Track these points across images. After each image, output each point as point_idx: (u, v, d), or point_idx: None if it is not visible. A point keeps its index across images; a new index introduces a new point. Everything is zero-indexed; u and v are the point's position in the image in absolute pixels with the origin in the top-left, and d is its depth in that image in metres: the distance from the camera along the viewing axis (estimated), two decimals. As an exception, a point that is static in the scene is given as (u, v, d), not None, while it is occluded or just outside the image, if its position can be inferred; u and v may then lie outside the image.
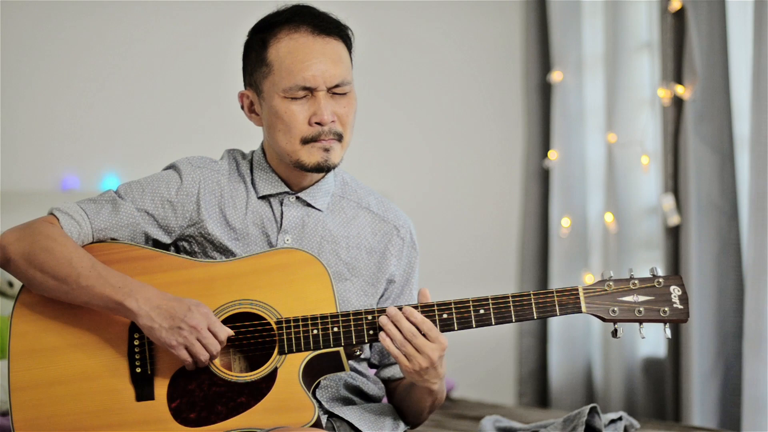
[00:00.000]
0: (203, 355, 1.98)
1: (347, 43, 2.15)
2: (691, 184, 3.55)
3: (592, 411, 2.30)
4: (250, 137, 2.33)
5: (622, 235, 3.89)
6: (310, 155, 2.11)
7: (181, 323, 1.97)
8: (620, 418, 2.51)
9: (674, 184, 3.67)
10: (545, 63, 4.28)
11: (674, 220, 3.64)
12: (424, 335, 1.99)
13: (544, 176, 4.28)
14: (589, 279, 4.07)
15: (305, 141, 2.10)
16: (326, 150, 2.10)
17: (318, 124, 2.09)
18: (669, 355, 3.65)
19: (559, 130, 4.17)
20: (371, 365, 2.26)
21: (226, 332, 1.99)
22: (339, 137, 2.11)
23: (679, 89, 3.60)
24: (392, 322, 2.00)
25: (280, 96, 2.10)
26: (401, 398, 2.20)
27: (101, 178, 3.65)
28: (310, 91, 2.09)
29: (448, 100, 4.27)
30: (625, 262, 3.89)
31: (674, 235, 3.67)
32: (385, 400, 2.29)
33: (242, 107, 2.20)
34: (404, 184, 4.03)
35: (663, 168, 3.70)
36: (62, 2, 3.64)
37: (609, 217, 3.92)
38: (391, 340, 2.00)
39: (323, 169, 2.12)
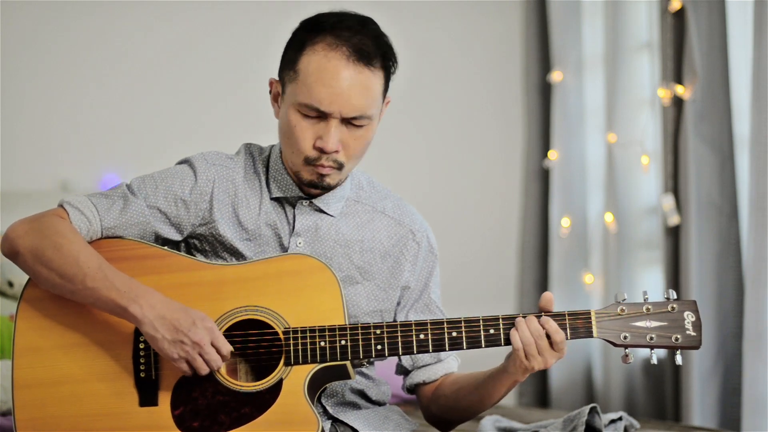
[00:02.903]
0: (203, 370, 1.96)
1: (387, 74, 2.09)
2: (691, 184, 3.55)
3: (592, 411, 2.30)
4: (251, 138, 2.33)
5: (622, 235, 3.89)
6: (308, 174, 2.08)
7: (184, 337, 1.94)
8: (620, 418, 2.51)
9: (674, 184, 3.67)
10: (545, 63, 4.28)
11: (674, 220, 3.64)
12: (551, 342, 1.98)
13: (544, 176, 4.28)
14: (588, 279, 4.07)
15: (307, 161, 2.06)
16: (322, 175, 2.07)
17: (320, 149, 2.05)
18: (669, 355, 3.65)
19: (559, 130, 4.17)
20: (402, 371, 2.23)
21: (228, 348, 1.97)
22: (339, 166, 2.07)
23: (679, 89, 3.61)
24: (525, 323, 1.99)
25: (294, 107, 2.05)
26: (462, 394, 2.15)
27: (101, 178, 3.65)
28: (323, 114, 2.04)
29: (448, 100, 4.27)
30: (625, 262, 3.89)
31: (674, 235, 3.68)
32: (391, 400, 2.28)
33: (270, 92, 2.14)
34: (404, 184, 4.02)
35: (663, 168, 3.70)
36: (62, 2, 3.64)
37: (609, 217, 3.92)
38: (520, 338, 1.98)
39: (318, 187, 2.09)
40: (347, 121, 2.05)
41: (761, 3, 3.26)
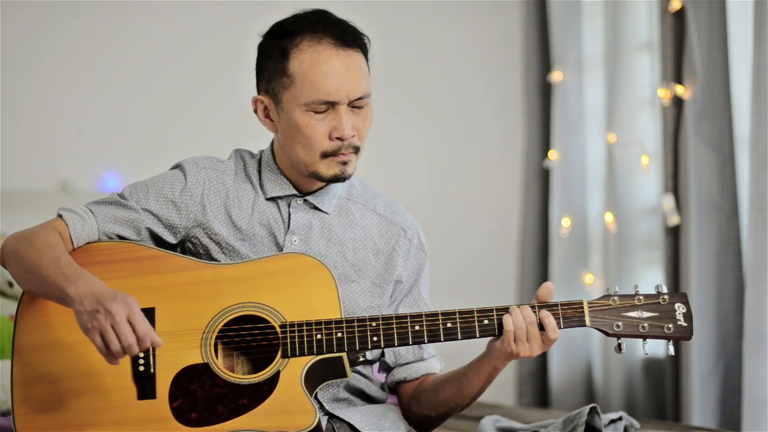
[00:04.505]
0: (114, 344, 1.90)
1: (366, 53, 2.14)
2: (691, 184, 3.55)
3: (592, 411, 2.31)
4: (252, 138, 2.34)
5: (622, 235, 3.89)
6: (329, 168, 2.10)
7: (100, 307, 1.91)
8: (620, 418, 2.51)
9: (674, 184, 3.67)
10: (545, 63, 4.28)
11: (674, 220, 3.64)
12: (543, 332, 2.01)
13: (544, 176, 4.28)
14: (589, 279, 4.07)
15: (325, 155, 2.09)
16: (344, 164, 2.10)
17: (339, 138, 2.08)
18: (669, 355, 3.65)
19: (559, 130, 4.17)
20: (384, 367, 2.25)
21: (144, 330, 1.91)
22: (356, 150, 2.11)
23: (679, 89, 3.61)
24: (519, 310, 2.03)
25: (302, 109, 2.08)
26: (442, 387, 2.17)
27: (101, 178, 3.66)
28: (332, 105, 2.08)
29: (448, 100, 4.27)
30: (625, 262, 3.89)
31: (674, 235, 3.68)
32: (390, 400, 2.28)
33: (255, 111, 2.17)
34: (404, 185, 4.03)
35: (663, 168, 3.70)
36: (62, 2, 3.64)
37: (609, 217, 3.93)
38: (513, 321, 2.01)
39: (339, 180, 2.12)
40: (352, 105, 2.09)
41: (761, 3, 3.26)
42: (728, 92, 3.53)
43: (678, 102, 3.64)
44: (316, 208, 2.18)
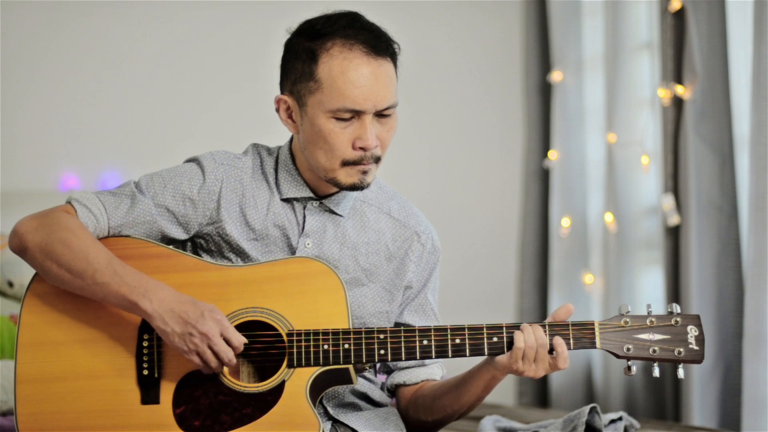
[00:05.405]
0: (213, 363, 1.96)
1: (395, 60, 2.10)
2: (691, 184, 3.55)
3: (592, 411, 2.30)
4: (252, 138, 2.33)
5: (622, 235, 3.89)
6: (348, 176, 2.07)
7: (193, 329, 1.94)
8: (620, 418, 2.52)
9: (674, 184, 3.67)
10: (545, 63, 4.28)
11: (674, 220, 3.64)
12: (552, 356, 1.99)
13: (544, 176, 4.28)
14: (588, 279, 4.07)
15: (345, 163, 2.06)
16: (364, 173, 2.07)
17: (362, 148, 2.05)
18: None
19: (559, 130, 4.17)
20: (385, 369, 2.24)
21: (239, 340, 1.97)
22: (377, 160, 2.08)
23: (679, 89, 3.61)
24: (532, 329, 2.00)
25: (326, 115, 2.04)
26: (440, 393, 2.16)
27: (101, 178, 3.66)
28: (357, 113, 2.04)
29: (448, 99, 4.27)
30: (625, 262, 3.89)
31: (674, 235, 3.68)
32: (390, 404, 2.28)
33: (277, 110, 2.12)
34: (404, 185, 4.02)
35: (663, 168, 3.70)
36: (62, 2, 3.64)
37: (609, 217, 3.93)
38: (524, 339, 1.99)
39: (357, 189, 2.09)
40: (379, 114, 2.06)
41: (761, 3, 3.26)
42: (728, 92, 3.53)
43: (678, 102, 3.64)
44: (331, 210, 2.16)
